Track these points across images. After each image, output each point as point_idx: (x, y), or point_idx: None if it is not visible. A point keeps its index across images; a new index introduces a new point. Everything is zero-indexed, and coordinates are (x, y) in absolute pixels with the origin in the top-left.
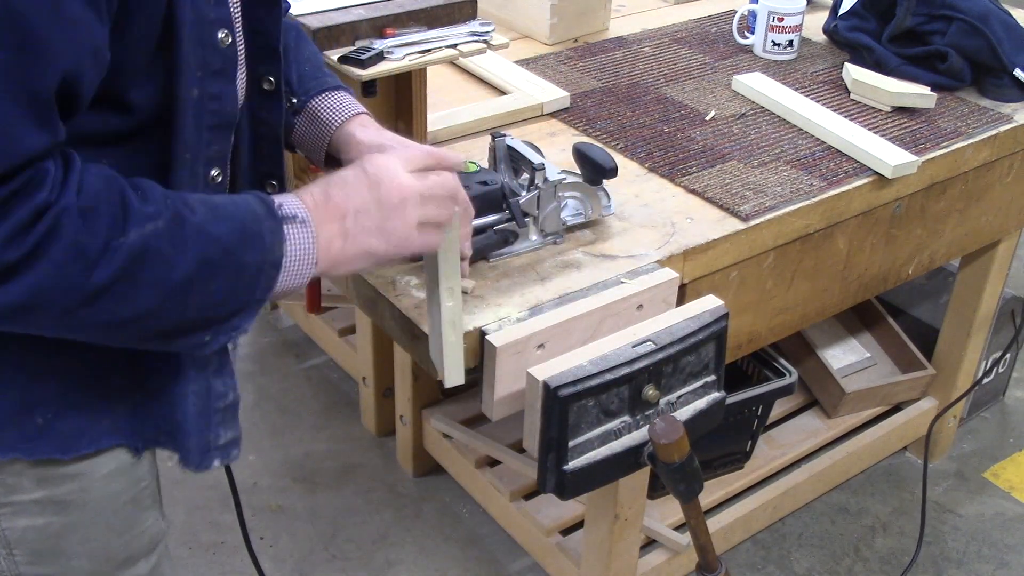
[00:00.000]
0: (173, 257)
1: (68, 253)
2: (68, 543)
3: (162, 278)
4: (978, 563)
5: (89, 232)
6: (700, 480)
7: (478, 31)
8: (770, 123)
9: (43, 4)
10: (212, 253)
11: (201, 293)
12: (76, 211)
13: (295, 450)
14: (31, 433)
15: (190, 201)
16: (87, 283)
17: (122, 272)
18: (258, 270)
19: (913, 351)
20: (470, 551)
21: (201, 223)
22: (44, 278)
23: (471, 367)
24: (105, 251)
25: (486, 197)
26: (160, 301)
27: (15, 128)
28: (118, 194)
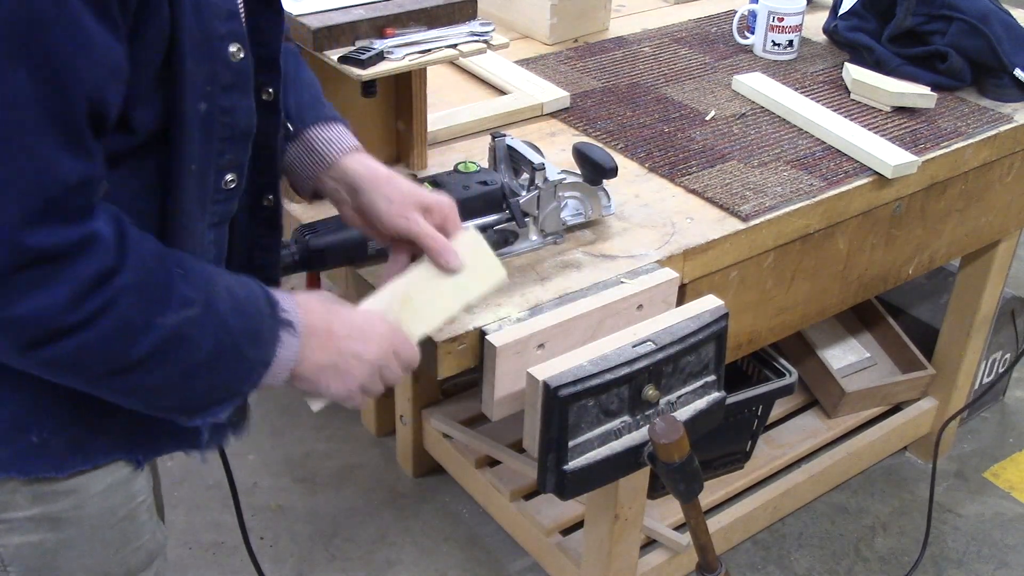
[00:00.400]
0: (198, 342)
1: (117, 325)
2: (63, 560)
3: (184, 360)
4: (978, 563)
5: (138, 309)
6: (700, 480)
7: (478, 31)
8: (770, 123)
9: (65, 29)
10: (226, 344)
11: (208, 379)
12: (132, 287)
13: (295, 450)
14: (26, 452)
15: (220, 287)
16: (124, 355)
17: (155, 351)
18: (252, 367)
19: (913, 351)
20: (470, 551)
21: (224, 314)
22: (91, 344)
23: (471, 367)
24: (146, 329)
25: (486, 197)
26: (177, 380)
27: (48, 157)
28: (166, 274)
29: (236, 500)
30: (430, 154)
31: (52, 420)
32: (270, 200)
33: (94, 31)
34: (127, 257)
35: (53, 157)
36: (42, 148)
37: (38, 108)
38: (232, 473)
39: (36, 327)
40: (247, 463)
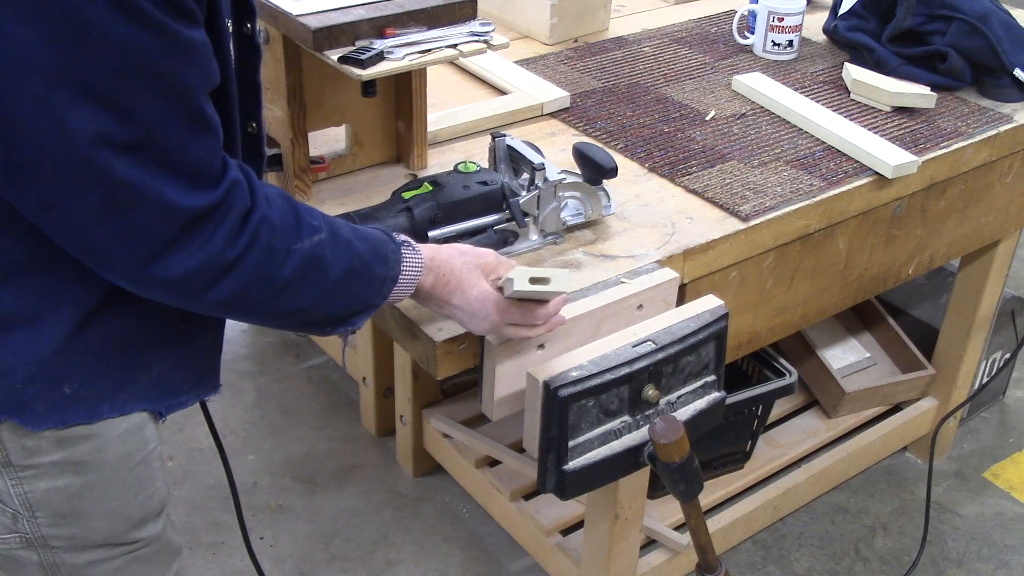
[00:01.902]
0: (331, 263)
1: (264, 254)
2: (87, 504)
3: (323, 279)
4: (978, 563)
5: (277, 238)
6: (700, 480)
7: (478, 31)
8: (770, 123)
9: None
10: (356, 263)
11: (345, 294)
12: (267, 220)
13: (295, 450)
14: (61, 403)
15: (337, 220)
16: (275, 279)
17: (299, 272)
18: (382, 282)
19: (913, 351)
20: (470, 551)
21: (348, 238)
22: (248, 274)
23: (471, 367)
24: (288, 254)
25: (486, 197)
26: (319, 297)
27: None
28: (292, 208)
29: (236, 500)
30: (430, 154)
31: (84, 372)
32: (253, 127)
33: (185, 34)
34: (256, 197)
35: (188, 141)
36: (178, 138)
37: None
38: (232, 473)
39: (207, 272)
40: (247, 463)
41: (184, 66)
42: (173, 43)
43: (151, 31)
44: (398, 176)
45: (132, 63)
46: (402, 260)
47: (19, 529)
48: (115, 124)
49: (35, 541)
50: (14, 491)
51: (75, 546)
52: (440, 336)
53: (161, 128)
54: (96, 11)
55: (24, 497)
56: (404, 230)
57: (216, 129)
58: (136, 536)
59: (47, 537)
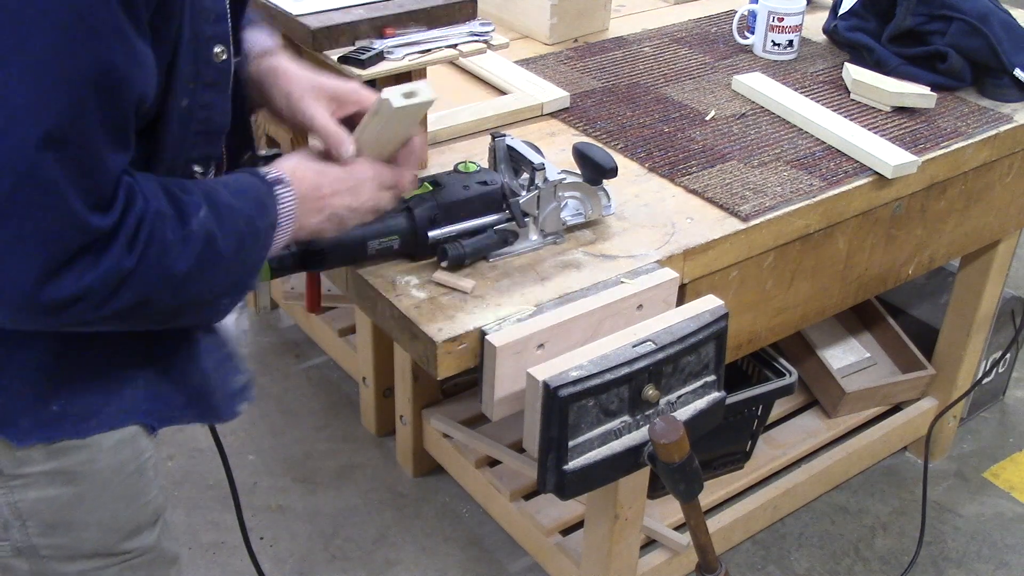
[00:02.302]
0: (221, 234)
1: (159, 253)
2: (78, 514)
3: (218, 255)
4: (978, 563)
5: (170, 230)
6: (700, 480)
7: (478, 31)
8: (770, 123)
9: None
10: (242, 225)
11: (239, 260)
12: (158, 216)
13: (295, 450)
14: (47, 420)
15: (211, 184)
16: (174, 274)
17: (195, 258)
18: (266, 233)
19: (913, 351)
20: (470, 551)
21: (228, 202)
22: (147, 277)
23: (471, 367)
24: (181, 244)
25: (486, 197)
26: (216, 275)
27: (107, 157)
28: (166, 192)
29: (236, 500)
30: (430, 154)
31: (69, 389)
32: (248, 158)
33: (133, 37)
34: (141, 193)
35: (105, 155)
36: (97, 148)
37: (103, 114)
38: (232, 473)
39: (103, 287)
40: (247, 463)
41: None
42: (125, 43)
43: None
44: None
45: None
46: (278, 201)
47: (10, 538)
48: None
49: (25, 550)
50: (4, 500)
51: (66, 556)
52: (440, 336)
53: (91, 127)
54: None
55: (14, 506)
56: (404, 230)
57: (129, 149)
58: (129, 546)
59: (37, 546)
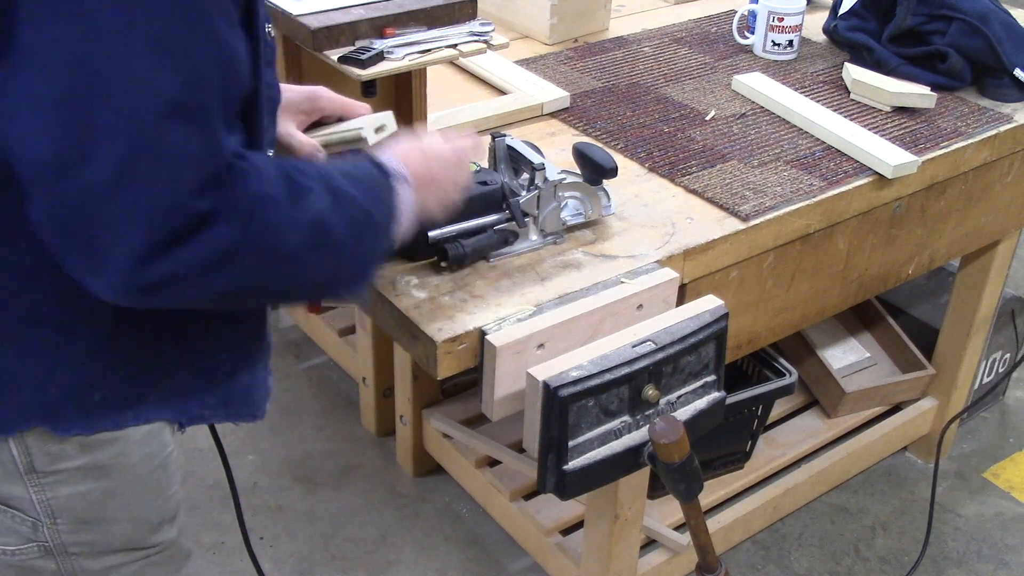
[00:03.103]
0: (336, 221)
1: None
2: (109, 508)
3: (332, 240)
4: (978, 563)
5: (276, 211)
6: (700, 480)
7: (478, 31)
8: (770, 123)
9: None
10: (357, 214)
11: (356, 248)
12: (266, 196)
13: (295, 450)
14: (90, 410)
15: (328, 169)
16: (280, 253)
17: (306, 240)
18: (385, 224)
19: (913, 351)
20: (470, 551)
21: (345, 190)
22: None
23: (471, 367)
24: (291, 224)
25: (486, 197)
26: (331, 260)
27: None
28: (284, 174)
29: (236, 500)
30: None
31: (113, 377)
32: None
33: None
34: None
35: (221, 132)
36: (215, 124)
37: (220, 85)
38: (232, 473)
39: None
40: (247, 463)
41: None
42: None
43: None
44: None
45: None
46: (395, 195)
47: (38, 538)
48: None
49: (54, 549)
50: (36, 498)
51: (95, 551)
52: (440, 336)
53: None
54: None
55: (47, 504)
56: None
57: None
58: (154, 540)
59: (67, 544)
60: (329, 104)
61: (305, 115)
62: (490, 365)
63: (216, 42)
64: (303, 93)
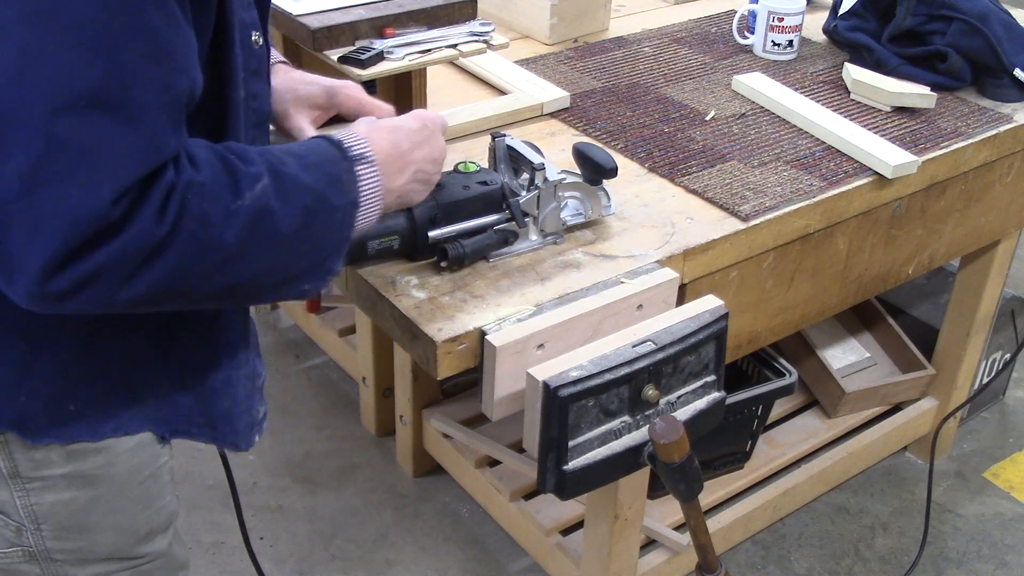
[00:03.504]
0: (282, 211)
1: (199, 222)
2: (94, 517)
3: (277, 232)
4: (978, 563)
5: (212, 201)
6: (700, 480)
7: (478, 31)
8: (770, 123)
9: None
10: (309, 201)
11: (307, 239)
12: (196, 183)
13: (295, 450)
14: (64, 419)
15: (278, 153)
16: (218, 247)
17: (246, 232)
18: (344, 211)
19: (913, 351)
20: (470, 551)
21: (295, 175)
22: (182, 251)
23: (471, 367)
24: (228, 216)
25: (486, 197)
26: (277, 253)
27: (162, 135)
28: (222, 161)
29: (236, 500)
30: None
31: (88, 390)
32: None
33: (177, 14)
34: (180, 162)
35: (163, 131)
36: (153, 123)
37: (158, 93)
38: (232, 473)
39: (136, 253)
40: (247, 463)
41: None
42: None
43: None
44: None
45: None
46: (358, 179)
47: (22, 542)
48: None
49: (38, 554)
50: (20, 503)
51: (79, 559)
52: (440, 336)
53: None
54: None
55: (30, 509)
56: (404, 230)
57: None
58: (142, 551)
59: (51, 550)
60: (347, 101)
61: (322, 111)
62: (490, 365)
63: (148, 36)
64: (323, 87)
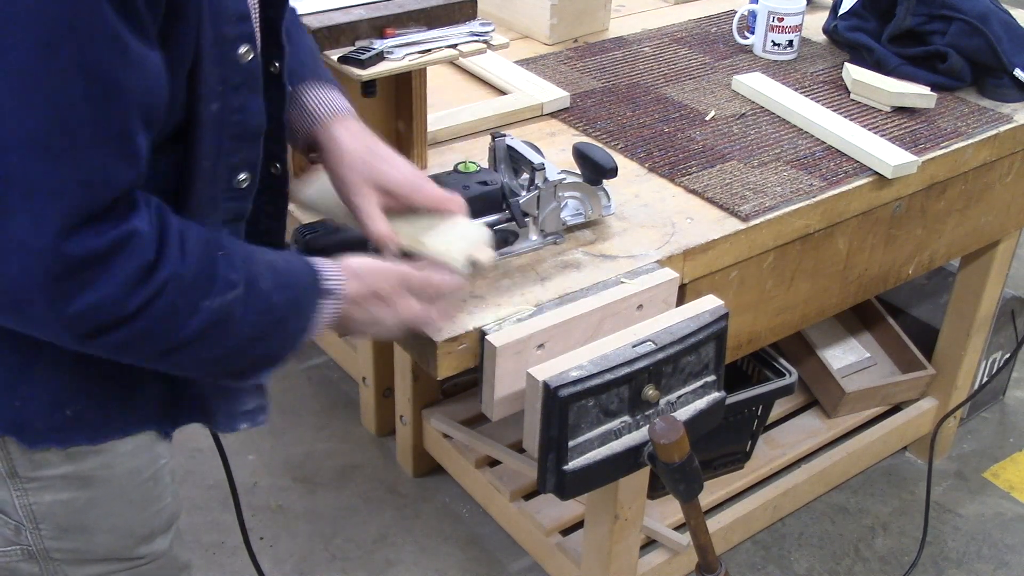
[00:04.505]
0: (242, 320)
1: (165, 312)
2: (92, 518)
3: (230, 337)
4: (978, 563)
5: (185, 296)
6: (700, 480)
7: (478, 31)
8: (770, 123)
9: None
10: (269, 320)
11: (254, 350)
12: (174, 277)
13: (295, 450)
14: (62, 424)
15: (260, 264)
16: (175, 337)
17: (202, 332)
18: (294, 335)
19: (913, 351)
20: (470, 551)
21: (267, 291)
22: (143, 330)
23: (471, 367)
24: (192, 312)
25: (486, 197)
26: (225, 353)
27: (107, 168)
28: (211, 260)
29: (236, 500)
30: (430, 154)
31: (85, 396)
32: (277, 168)
33: (132, 43)
34: (167, 249)
35: (106, 165)
36: (94, 158)
37: (92, 119)
38: (232, 473)
39: (93, 320)
40: (247, 463)
41: (119, 65)
42: (116, 44)
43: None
44: None
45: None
46: (318, 310)
47: (21, 541)
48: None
49: (37, 553)
50: (18, 502)
51: (77, 559)
52: (440, 336)
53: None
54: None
55: (28, 509)
56: None
57: (141, 165)
58: (141, 552)
59: (49, 550)
60: (426, 201)
61: (394, 201)
62: (490, 365)
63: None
64: (407, 179)
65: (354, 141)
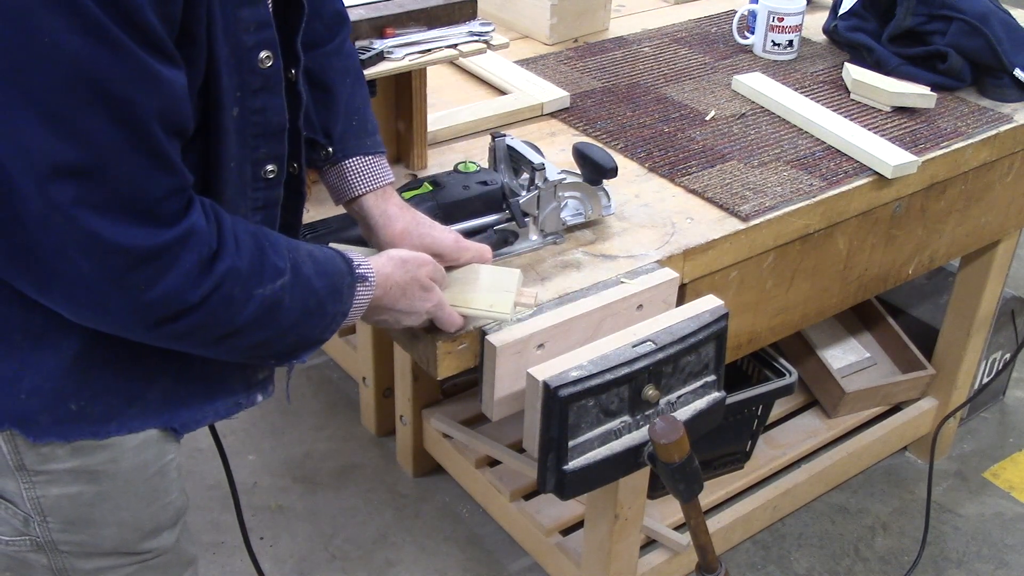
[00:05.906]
0: (289, 305)
1: (224, 301)
2: (99, 512)
3: (279, 321)
4: (978, 563)
5: (241, 286)
6: (700, 480)
7: (478, 31)
8: (770, 123)
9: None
10: (312, 303)
11: (297, 333)
12: (232, 269)
13: (295, 450)
14: (66, 418)
15: (302, 253)
16: (231, 324)
17: (255, 317)
18: (333, 318)
19: (913, 351)
20: (470, 551)
21: (309, 277)
22: (204, 319)
23: (471, 367)
24: (247, 301)
25: (486, 197)
26: (273, 337)
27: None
28: (260, 251)
29: (236, 500)
30: (430, 154)
31: (89, 390)
32: (295, 168)
33: (152, 65)
34: (225, 242)
35: (143, 176)
36: (134, 172)
37: (126, 142)
38: (232, 473)
39: (162, 310)
40: (247, 463)
41: (143, 95)
42: (134, 69)
43: (109, 50)
44: (398, 176)
45: (82, 78)
46: (355, 295)
47: (30, 532)
48: (63, 143)
49: (45, 545)
50: (27, 495)
51: (84, 552)
52: (440, 336)
53: (110, 156)
54: (50, 17)
55: (36, 501)
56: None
57: (174, 169)
58: (148, 546)
59: (57, 542)
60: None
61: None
62: (490, 365)
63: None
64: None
65: (403, 214)
